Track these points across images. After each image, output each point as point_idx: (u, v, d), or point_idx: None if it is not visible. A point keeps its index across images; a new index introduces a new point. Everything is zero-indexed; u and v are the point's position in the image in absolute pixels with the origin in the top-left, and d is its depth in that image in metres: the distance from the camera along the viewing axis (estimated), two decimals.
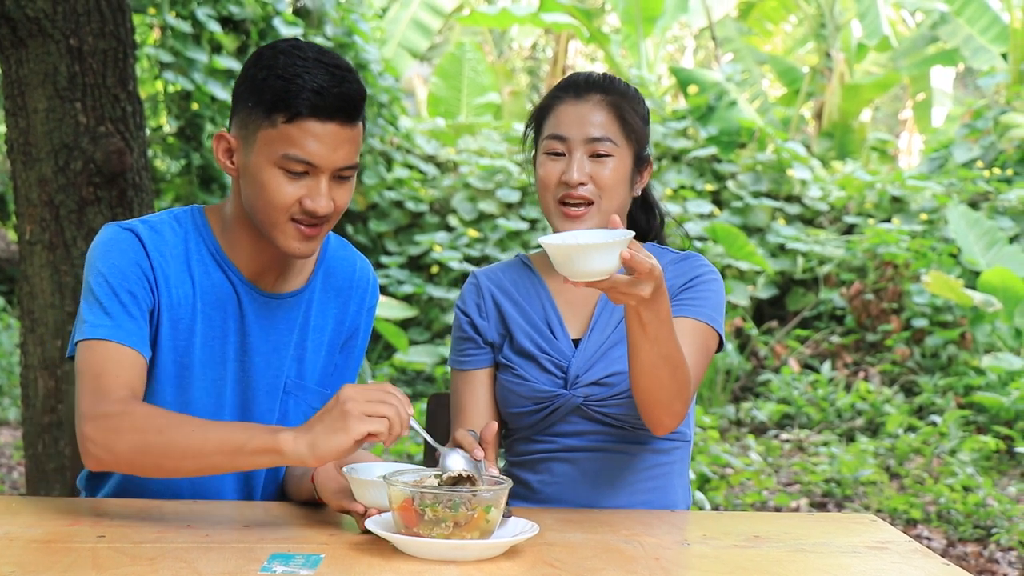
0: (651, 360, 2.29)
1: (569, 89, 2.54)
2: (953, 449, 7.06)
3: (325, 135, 2.20)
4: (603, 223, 2.48)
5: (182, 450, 2.08)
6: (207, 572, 1.83)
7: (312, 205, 2.24)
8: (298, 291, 2.47)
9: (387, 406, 1.97)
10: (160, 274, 2.34)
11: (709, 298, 2.52)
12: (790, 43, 16.78)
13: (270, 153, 2.22)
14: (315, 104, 2.18)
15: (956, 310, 9.01)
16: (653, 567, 1.97)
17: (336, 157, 2.23)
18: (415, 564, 1.91)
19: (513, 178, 10.96)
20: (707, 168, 11.26)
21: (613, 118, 2.50)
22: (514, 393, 2.56)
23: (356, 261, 2.59)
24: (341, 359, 2.57)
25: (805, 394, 8.32)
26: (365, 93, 2.27)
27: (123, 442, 2.11)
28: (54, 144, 4.10)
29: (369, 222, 10.68)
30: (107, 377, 2.21)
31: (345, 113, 2.21)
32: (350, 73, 2.24)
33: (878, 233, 9.74)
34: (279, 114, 2.20)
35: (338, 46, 10.26)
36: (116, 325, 2.26)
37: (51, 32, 4.06)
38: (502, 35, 18.71)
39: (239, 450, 2.03)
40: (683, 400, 2.38)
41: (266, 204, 2.26)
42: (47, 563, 1.86)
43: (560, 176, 2.49)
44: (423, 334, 9.79)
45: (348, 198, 2.31)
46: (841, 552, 2.14)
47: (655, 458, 2.57)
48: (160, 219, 2.40)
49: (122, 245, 2.32)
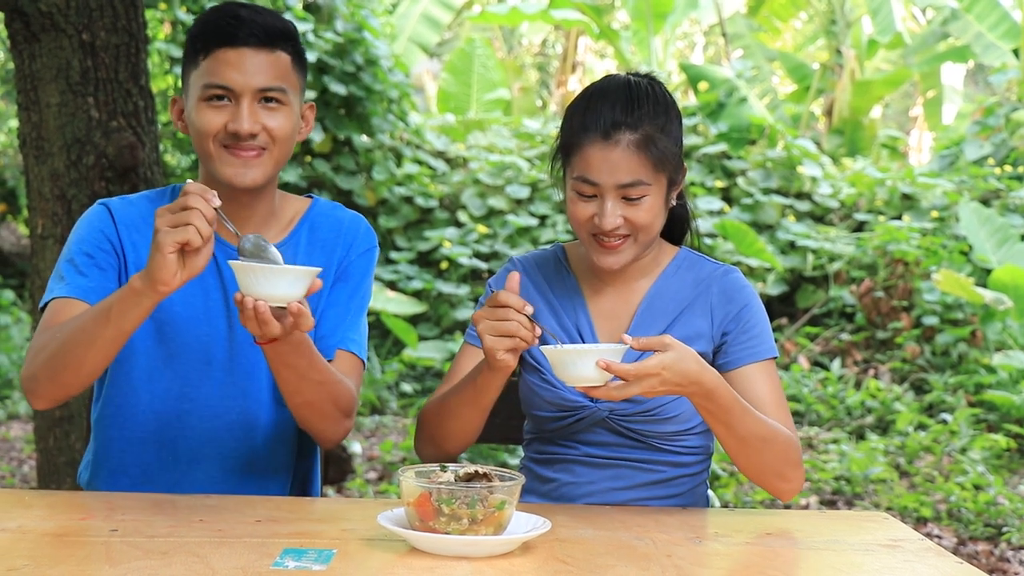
0: (733, 443, 2.31)
1: (595, 129, 2.38)
2: (964, 447, 7.05)
3: (238, 60, 2.37)
4: (641, 252, 2.46)
5: (74, 340, 2.25)
6: (220, 567, 1.83)
7: (234, 126, 2.38)
8: (279, 243, 2.53)
9: (189, 211, 2.07)
10: (127, 239, 2.49)
11: (762, 330, 2.50)
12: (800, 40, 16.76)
13: (197, 91, 2.40)
14: (225, 33, 2.37)
15: (967, 308, 8.99)
16: (665, 564, 1.97)
17: (252, 80, 2.38)
18: (428, 560, 1.91)
19: (523, 174, 10.94)
20: (717, 165, 11.24)
21: (644, 159, 2.37)
22: (540, 397, 2.54)
23: (345, 215, 2.65)
24: (333, 296, 2.57)
25: (815, 391, 8.31)
26: (285, 25, 2.43)
27: (37, 362, 2.31)
28: (66, 138, 4.11)
29: (379, 218, 10.67)
30: (48, 330, 2.36)
31: (256, 38, 2.37)
32: (271, 14, 2.40)
33: (888, 230, 9.71)
34: (199, 54, 2.39)
35: (348, 41, 10.26)
36: (66, 284, 2.42)
37: (64, 27, 4.06)
38: (512, 31, 18.70)
39: (108, 309, 2.20)
40: (791, 464, 2.38)
41: (198, 137, 2.42)
42: (60, 557, 1.86)
43: (592, 217, 2.40)
44: (432, 330, 9.78)
45: (284, 125, 2.43)
46: (854, 550, 2.14)
47: (678, 471, 2.55)
48: (140, 194, 2.59)
49: (90, 217, 2.52)
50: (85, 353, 2.25)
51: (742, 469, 2.39)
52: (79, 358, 2.26)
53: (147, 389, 2.50)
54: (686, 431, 2.50)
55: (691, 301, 2.51)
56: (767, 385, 2.45)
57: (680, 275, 2.56)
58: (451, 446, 2.49)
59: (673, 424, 2.49)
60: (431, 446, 2.51)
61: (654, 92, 2.44)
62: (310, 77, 9.90)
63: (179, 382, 2.50)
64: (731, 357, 2.46)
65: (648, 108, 2.40)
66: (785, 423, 2.41)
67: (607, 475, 2.53)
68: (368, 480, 6.52)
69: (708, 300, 2.51)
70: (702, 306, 2.51)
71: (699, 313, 2.50)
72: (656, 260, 2.57)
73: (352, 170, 10.52)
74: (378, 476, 6.65)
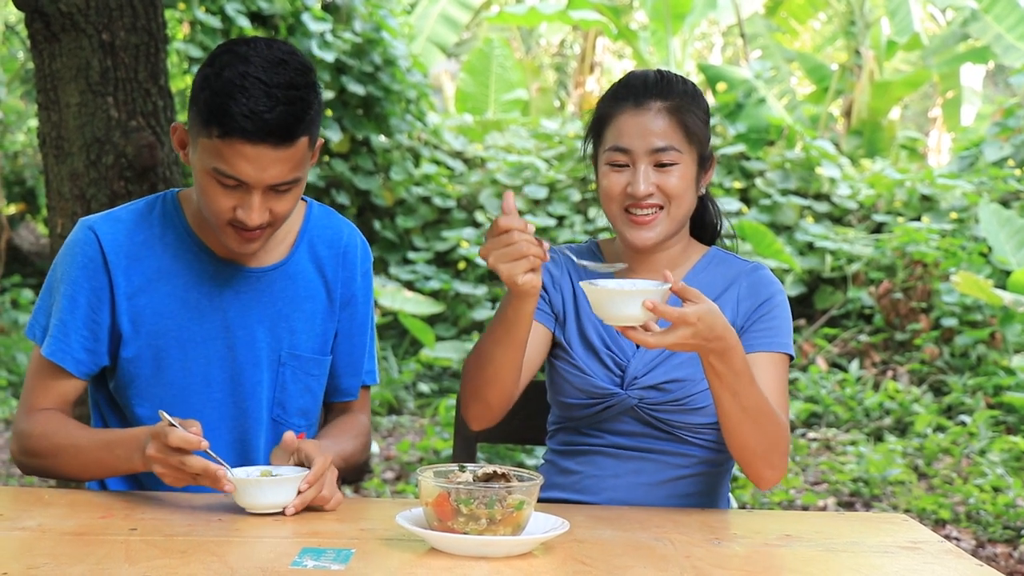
0: (734, 413, 2.30)
1: (628, 98, 2.47)
2: (982, 449, 7.02)
3: (255, 155, 2.23)
4: (673, 229, 2.48)
5: (69, 465, 2.38)
6: (238, 566, 1.83)
7: (243, 216, 2.30)
8: (279, 263, 2.52)
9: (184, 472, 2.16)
10: (115, 265, 2.44)
11: (781, 324, 2.51)
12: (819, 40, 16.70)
13: (206, 161, 2.28)
14: (244, 128, 2.20)
15: (986, 309, 8.95)
16: (684, 565, 1.96)
17: (266, 176, 2.26)
18: (446, 560, 1.91)
19: (541, 175, 10.94)
20: (735, 165, 11.22)
21: (676, 125, 2.45)
22: (569, 384, 2.55)
23: (342, 228, 2.62)
24: (344, 325, 2.60)
25: (833, 393, 8.28)
26: (307, 112, 2.26)
27: (28, 459, 2.43)
28: (86, 138, 4.12)
29: (396, 218, 10.68)
30: (36, 392, 2.45)
31: (276, 136, 2.22)
32: (293, 91, 2.23)
33: (907, 232, 9.68)
34: (213, 127, 2.23)
35: (366, 41, 10.27)
36: (63, 344, 2.43)
37: (84, 27, 4.07)
38: (530, 31, 18.69)
39: (113, 465, 2.32)
40: (780, 451, 2.37)
41: (206, 207, 2.35)
42: (80, 555, 1.87)
43: (625, 188, 2.44)
44: (449, 330, 9.78)
45: (290, 205, 2.35)
46: (873, 552, 2.13)
47: (704, 467, 2.56)
48: (129, 209, 2.50)
49: (75, 247, 2.46)
50: (79, 474, 2.41)
51: (734, 446, 2.37)
52: (73, 474, 2.42)
53: (149, 417, 2.48)
54: (712, 424, 2.51)
55: (720, 294, 2.53)
56: (774, 377, 2.45)
57: (710, 271, 2.58)
58: (494, 396, 2.43)
59: (701, 416, 2.50)
60: (475, 402, 2.47)
61: (683, 80, 2.52)
62: (328, 77, 9.96)
63: (180, 405, 2.48)
64: (745, 343, 2.46)
65: (679, 86, 2.49)
66: (783, 415, 2.41)
67: (630, 468, 2.53)
68: (385, 480, 6.52)
69: (736, 293, 2.53)
70: (730, 299, 2.53)
71: (727, 305, 2.52)
72: (686, 255, 2.60)
73: (370, 170, 10.53)
74: (395, 476, 6.66)
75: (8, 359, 8.86)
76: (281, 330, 2.52)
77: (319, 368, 2.58)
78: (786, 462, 2.40)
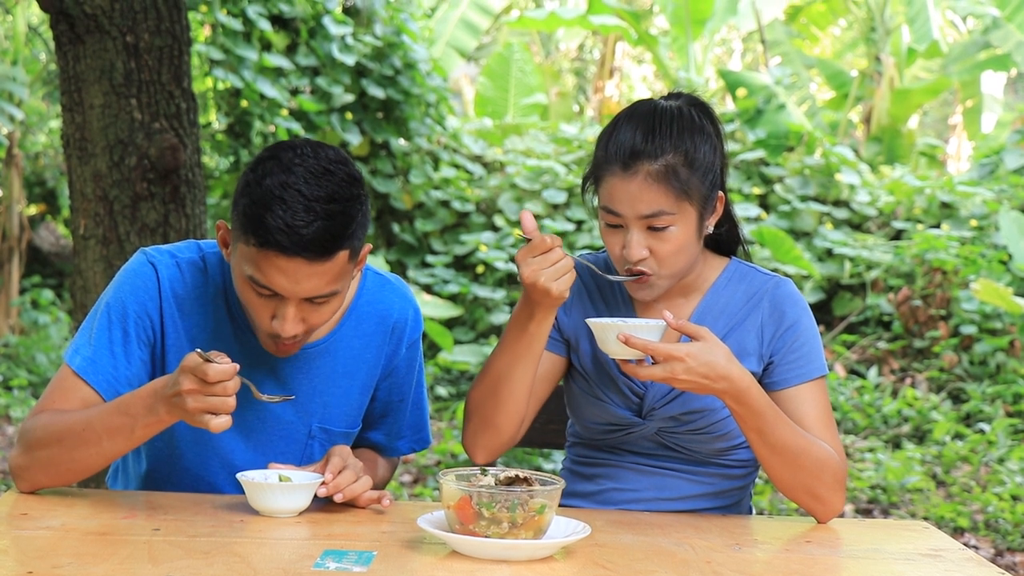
0: (763, 452, 2.30)
1: (615, 160, 2.35)
2: (1001, 457, 6.99)
3: (290, 269, 2.17)
4: (673, 283, 2.43)
5: (83, 439, 2.21)
6: (261, 567, 1.84)
7: (278, 327, 2.24)
8: (322, 340, 2.46)
9: (218, 399, 2.07)
10: (169, 316, 2.38)
11: (811, 349, 2.45)
12: (839, 47, 16.67)
13: (244, 268, 2.22)
14: (280, 242, 2.14)
15: (1005, 317, 8.92)
16: (705, 570, 1.97)
17: (300, 289, 2.20)
18: (468, 563, 1.91)
19: (560, 179, 10.94)
20: (755, 171, 11.21)
21: (666, 189, 2.32)
22: (589, 410, 2.53)
23: (393, 303, 2.54)
24: (382, 393, 2.57)
25: (851, 400, 8.27)
26: (348, 227, 2.19)
27: (34, 455, 2.26)
28: (109, 140, 4.14)
29: (415, 221, 10.70)
30: (54, 396, 2.32)
31: (312, 252, 2.15)
32: (334, 205, 2.16)
33: (927, 239, 9.65)
34: (251, 236, 2.18)
35: (387, 45, 10.29)
36: (92, 360, 2.33)
37: (108, 29, 4.10)
38: (549, 36, 18.70)
39: (131, 428, 2.17)
40: (825, 484, 2.34)
41: (244, 309, 2.32)
42: (104, 555, 1.87)
43: (622, 249, 2.38)
44: (468, 334, 9.79)
45: (327, 316, 2.29)
46: (893, 559, 2.13)
47: (726, 483, 2.54)
48: (187, 259, 2.42)
49: (136, 280, 2.38)
50: (95, 460, 2.24)
51: (775, 482, 2.37)
52: (85, 461, 2.24)
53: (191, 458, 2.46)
54: (735, 446, 2.49)
55: (743, 318, 2.48)
56: (815, 405, 2.41)
57: (731, 288, 2.51)
58: (505, 420, 2.44)
59: (723, 441, 2.48)
60: (484, 430, 2.46)
61: (683, 117, 2.39)
62: (349, 80, 9.98)
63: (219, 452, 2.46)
64: (778, 377, 2.43)
65: (672, 136, 2.35)
66: (830, 443, 2.37)
67: (653, 483, 2.51)
68: (403, 483, 6.53)
69: (759, 316, 2.47)
70: (753, 323, 2.47)
71: (750, 330, 2.46)
72: (703, 275, 2.52)
73: (389, 173, 10.55)
74: (412, 479, 6.67)
75: (28, 359, 8.89)
76: (315, 405, 2.48)
77: (347, 439, 2.54)
78: (840, 495, 2.36)
